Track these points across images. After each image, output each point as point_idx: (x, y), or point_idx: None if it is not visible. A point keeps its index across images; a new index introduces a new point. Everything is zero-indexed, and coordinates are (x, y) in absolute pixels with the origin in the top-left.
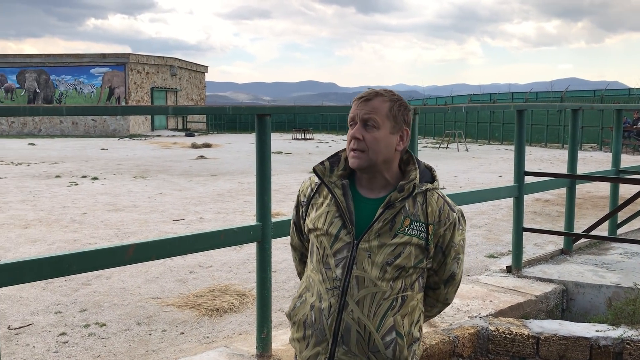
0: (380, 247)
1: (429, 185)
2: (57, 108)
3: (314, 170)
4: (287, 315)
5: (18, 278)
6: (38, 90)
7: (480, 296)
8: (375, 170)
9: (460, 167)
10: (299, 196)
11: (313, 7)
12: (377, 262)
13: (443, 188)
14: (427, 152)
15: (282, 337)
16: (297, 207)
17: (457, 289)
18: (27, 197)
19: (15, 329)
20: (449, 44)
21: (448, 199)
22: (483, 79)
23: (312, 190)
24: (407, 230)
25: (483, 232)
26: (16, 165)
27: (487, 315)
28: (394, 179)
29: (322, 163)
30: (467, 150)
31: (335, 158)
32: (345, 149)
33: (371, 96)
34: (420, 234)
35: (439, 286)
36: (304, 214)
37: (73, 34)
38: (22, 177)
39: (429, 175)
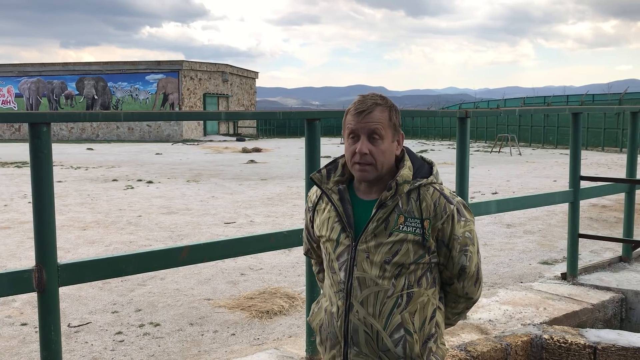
0: (377, 246)
1: (423, 181)
2: (115, 114)
3: (311, 179)
4: (308, 321)
5: (77, 278)
6: (96, 97)
7: (533, 303)
8: (379, 177)
9: (513, 171)
10: (307, 202)
11: (362, 11)
12: (376, 261)
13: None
14: (478, 156)
15: None
16: (305, 211)
17: (476, 283)
18: (85, 200)
19: (74, 327)
20: (500, 46)
21: (446, 192)
22: (537, 82)
23: (316, 196)
24: (402, 227)
25: (537, 238)
26: (75, 169)
27: (540, 323)
28: (391, 179)
29: (319, 171)
30: (520, 154)
31: (332, 165)
32: (343, 156)
33: (371, 108)
34: (415, 229)
35: (453, 281)
36: (311, 219)
37: (129, 42)
38: (81, 180)
39: (427, 170)
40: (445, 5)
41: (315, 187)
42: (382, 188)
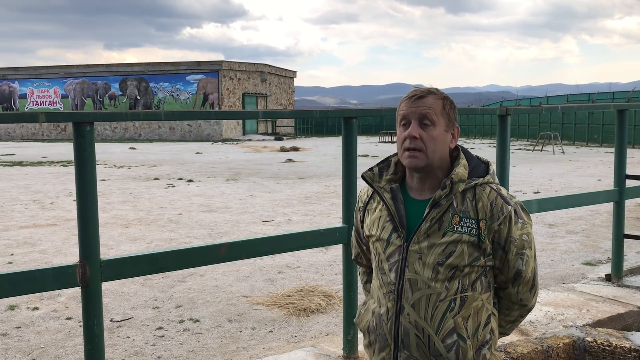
0: (430, 247)
1: (479, 180)
2: (155, 113)
3: (363, 177)
4: (355, 322)
5: (119, 273)
6: (138, 97)
7: (576, 305)
8: (430, 170)
9: (556, 170)
10: (357, 202)
11: (401, 9)
12: (428, 262)
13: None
14: (520, 155)
15: None
16: (356, 211)
17: (531, 289)
18: (128, 198)
19: (117, 322)
20: (543, 43)
21: (503, 192)
22: (580, 79)
23: (367, 196)
24: (457, 227)
25: (580, 238)
26: (118, 168)
27: (583, 325)
28: (445, 177)
29: (371, 169)
30: (563, 152)
31: (385, 163)
32: (395, 154)
33: (424, 94)
34: (470, 230)
35: (507, 285)
36: (361, 219)
37: (170, 43)
38: (124, 179)
39: (483, 169)
40: (486, 2)
41: (366, 187)
42: (435, 187)
